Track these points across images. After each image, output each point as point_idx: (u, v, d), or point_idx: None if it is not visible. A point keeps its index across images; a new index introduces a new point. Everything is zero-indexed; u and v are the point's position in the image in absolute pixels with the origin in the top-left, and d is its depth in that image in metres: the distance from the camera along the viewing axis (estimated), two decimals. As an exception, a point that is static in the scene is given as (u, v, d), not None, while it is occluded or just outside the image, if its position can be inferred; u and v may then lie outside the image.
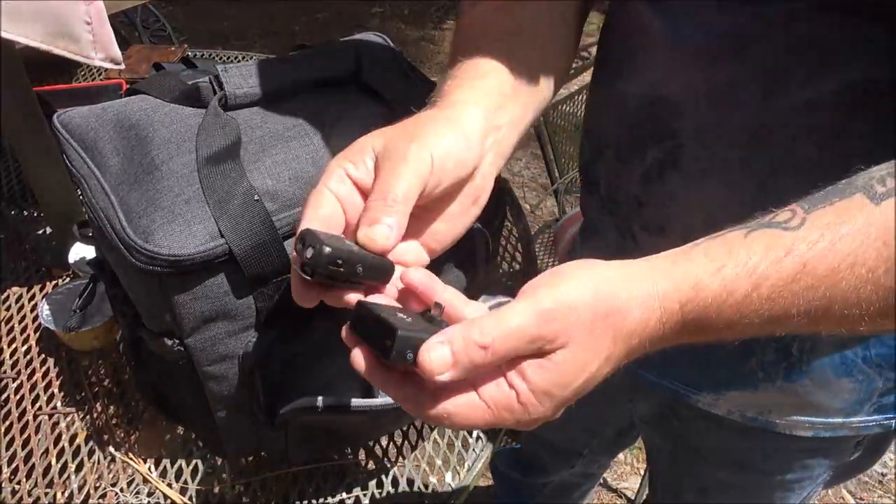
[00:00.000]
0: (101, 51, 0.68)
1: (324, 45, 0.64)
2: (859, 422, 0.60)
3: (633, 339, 0.36)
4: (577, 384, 0.35)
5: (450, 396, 0.34)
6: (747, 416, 0.63)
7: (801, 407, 0.61)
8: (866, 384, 0.58)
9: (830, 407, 0.60)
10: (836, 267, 0.34)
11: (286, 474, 0.67)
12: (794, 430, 0.62)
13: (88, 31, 0.66)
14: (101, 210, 0.50)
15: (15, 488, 0.64)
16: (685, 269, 0.36)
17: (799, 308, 0.35)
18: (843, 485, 1.58)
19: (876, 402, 0.59)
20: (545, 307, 0.34)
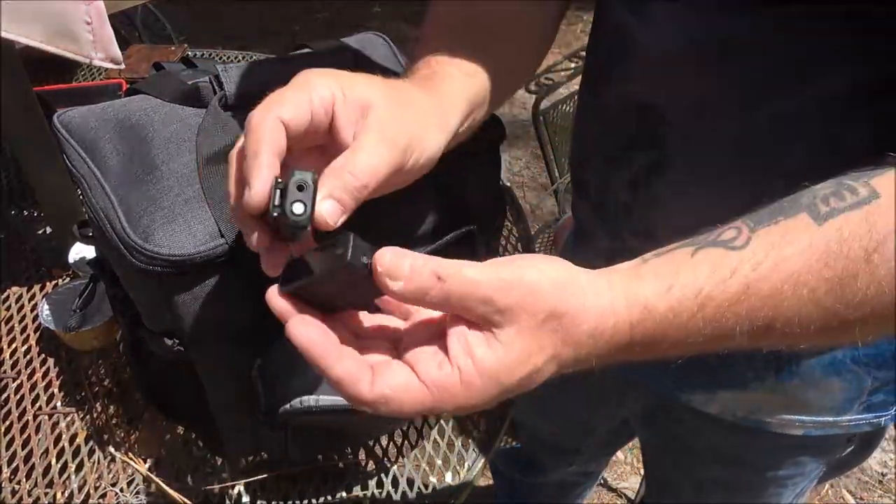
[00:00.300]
0: (101, 51, 0.68)
1: (324, 45, 0.64)
2: (849, 420, 0.61)
3: (581, 350, 0.35)
4: (522, 373, 0.34)
5: (385, 379, 0.33)
6: (738, 415, 0.64)
7: (791, 406, 0.61)
8: (856, 383, 0.58)
9: (820, 406, 0.60)
10: (779, 288, 0.34)
11: (286, 474, 0.67)
12: (784, 429, 0.63)
13: (88, 31, 0.66)
14: (101, 210, 0.50)
15: (15, 488, 0.64)
16: (636, 290, 0.35)
17: (742, 327, 0.35)
18: (843, 485, 1.58)
19: (865, 401, 0.59)
20: (506, 277, 0.33)
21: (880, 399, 0.60)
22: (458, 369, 0.33)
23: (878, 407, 0.60)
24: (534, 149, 2.48)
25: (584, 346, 0.35)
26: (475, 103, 0.47)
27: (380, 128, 0.38)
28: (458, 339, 0.33)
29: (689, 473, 0.77)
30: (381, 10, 3.55)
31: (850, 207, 0.35)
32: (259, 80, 0.57)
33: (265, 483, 0.66)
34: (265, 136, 0.35)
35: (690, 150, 0.52)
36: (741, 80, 0.47)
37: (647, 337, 0.36)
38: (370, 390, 0.33)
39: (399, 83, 0.43)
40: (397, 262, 0.33)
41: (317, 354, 0.33)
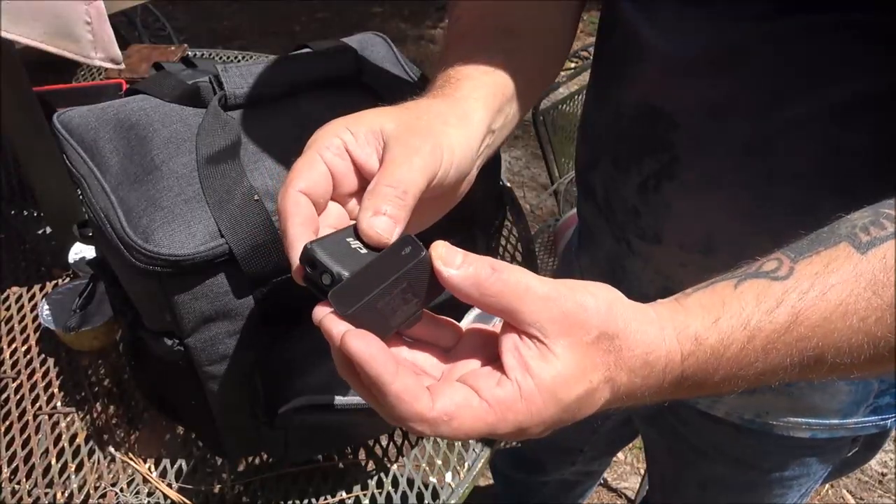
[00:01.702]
0: (101, 51, 0.68)
1: (324, 45, 0.64)
2: (855, 423, 0.61)
3: (635, 378, 0.34)
4: (580, 391, 0.33)
5: (447, 395, 0.32)
6: (745, 418, 0.64)
7: (797, 409, 0.61)
8: (863, 386, 0.58)
9: (827, 409, 0.60)
10: (827, 317, 0.34)
11: (286, 474, 0.67)
12: (791, 431, 0.63)
13: (88, 31, 0.66)
14: (101, 210, 0.50)
15: (15, 488, 0.64)
16: (684, 321, 0.35)
17: (793, 359, 0.35)
18: (843, 485, 1.58)
19: (872, 404, 0.60)
20: (560, 290, 0.33)
21: (886, 401, 0.60)
22: (517, 384, 0.32)
23: (885, 409, 0.60)
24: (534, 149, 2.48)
25: (639, 373, 0.34)
26: (500, 96, 0.46)
27: (399, 142, 0.37)
28: (513, 352, 0.33)
29: (695, 473, 0.77)
30: (381, 10, 3.55)
31: (892, 236, 0.35)
32: (259, 81, 0.58)
33: (265, 483, 0.66)
34: (288, 212, 0.35)
35: (701, 154, 0.52)
36: (753, 86, 0.47)
37: (698, 370, 0.35)
38: (431, 407, 0.31)
39: (411, 102, 0.43)
40: (451, 250, 0.33)
41: (377, 370, 0.31)
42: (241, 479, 0.66)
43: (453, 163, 0.40)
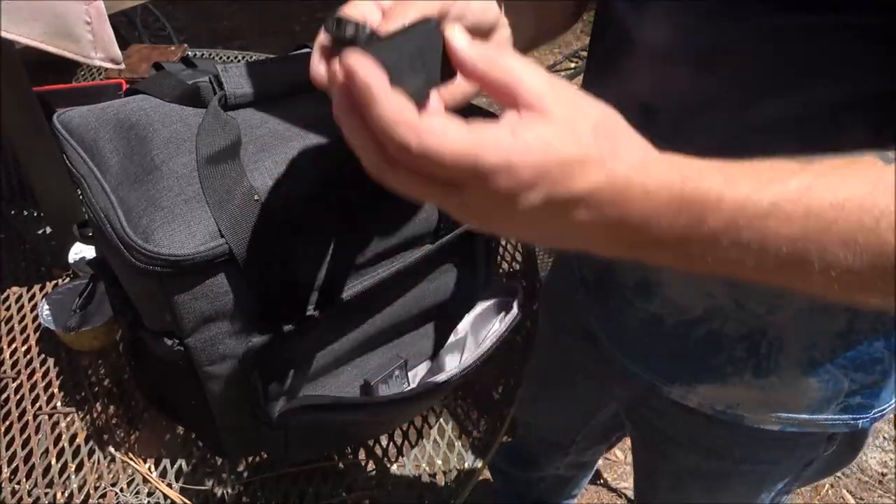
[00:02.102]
0: (101, 51, 0.68)
1: (324, 45, 0.64)
2: (825, 419, 0.61)
3: (633, 177, 0.33)
4: (573, 150, 0.31)
5: (427, 121, 0.30)
6: (717, 409, 0.64)
7: (768, 403, 0.62)
8: (833, 384, 0.58)
9: (797, 404, 0.61)
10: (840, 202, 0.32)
11: (286, 474, 0.67)
12: (761, 423, 0.63)
13: (88, 31, 0.66)
14: (101, 210, 0.50)
15: (15, 488, 0.64)
16: (687, 160, 0.34)
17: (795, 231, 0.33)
18: (843, 485, 1.58)
19: (843, 402, 0.60)
20: (562, 82, 0.33)
21: (857, 401, 0.60)
22: (511, 125, 0.31)
23: (856, 409, 0.61)
24: (534, 149, 2.47)
25: (637, 173, 0.33)
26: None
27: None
28: (510, 112, 0.32)
29: (669, 464, 0.78)
30: (381, 10, 3.55)
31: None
32: (259, 81, 0.57)
33: (265, 483, 0.66)
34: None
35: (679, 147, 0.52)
36: (734, 82, 0.47)
37: (698, 197, 0.33)
38: (419, 119, 0.30)
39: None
40: (464, 30, 0.33)
41: (370, 86, 0.30)
42: (241, 479, 0.66)
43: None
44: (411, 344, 0.68)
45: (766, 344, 0.58)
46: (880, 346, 0.56)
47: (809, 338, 0.57)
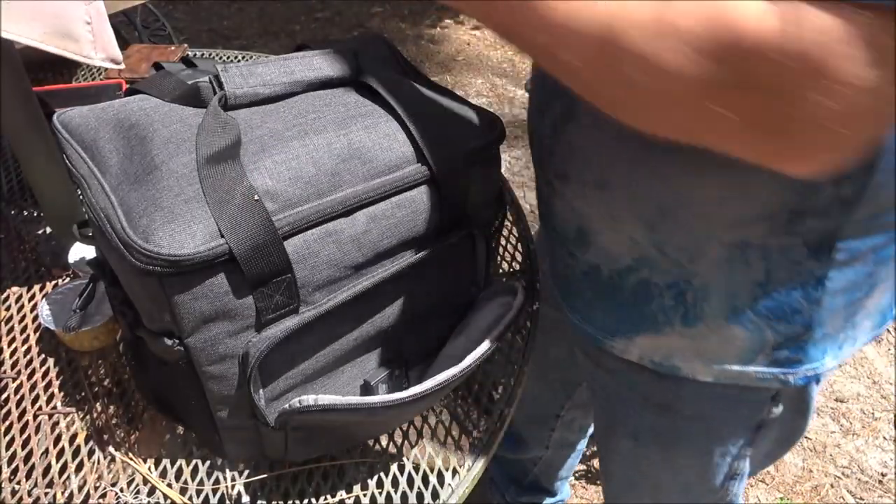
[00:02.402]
0: (101, 51, 0.68)
1: (324, 45, 0.64)
2: (756, 371, 0.64)
3: None
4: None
5: None
6: (655, 360, 0.68)
7: (699, 353, 0.65)
8: (757, 334, 0.61)
9: (725, 354, 0.64)
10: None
11: (286, 474, 0.67)
12: (697, 374, 0.66)
13: (88, 31, 0.66)
14: (101, 210, 0.50)
15: (15, 488, 0.64)
16: None
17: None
18: (843, 485, 1.58)
19: (770, 355, 0.62)
20: None
21: (785, 355, 0.62)
22: None
23: (784, 363, 0.63)
24: (534, 149, 2.48)
25: None
26: None
27: None
28: None
29: (626, 426, 0.81)
30: (381, 10, 3.55)
31: None
32: (259, 81, 0.58)
33: (265, 483, 0.66)
34: None
35: None
36: None
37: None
38: None
39: None
40: None
41: None
42: (241, 479, 0.66)
43: None
44: (411, 344, 0.68)
45: (692, 292, 0.61)
46: (798, 296, 0.58)
47: (730, 286, 0.59)
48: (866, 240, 0.55)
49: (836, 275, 0.57)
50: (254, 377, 0.54)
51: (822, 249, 0.56)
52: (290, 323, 0.54)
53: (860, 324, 0.63)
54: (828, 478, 1.60)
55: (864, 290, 0.59)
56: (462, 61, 3.12)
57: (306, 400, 0.54)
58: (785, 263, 0.57)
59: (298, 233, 0.52)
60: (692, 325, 0.63)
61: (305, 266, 0.53)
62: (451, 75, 3.01)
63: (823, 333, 0.61)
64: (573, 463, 1.31)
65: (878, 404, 1.75)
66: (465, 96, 0.69)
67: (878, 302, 0.62)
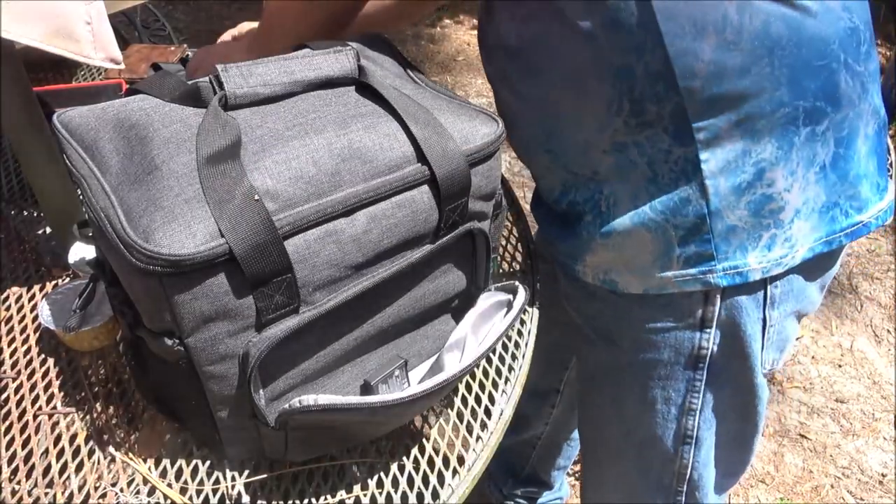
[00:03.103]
0: (101, 51, 0.68)
1: (324, 45, 0.64)
2: (675, 275, 0.67)
3: None
4: None
5: None
6: (600, 278, 0.73)
7: (624, 262, 0.70)
8: (661, 233, 0.66)
9: (643, 259, 0.68)
10: None
11: (286, 474, 0.67)
12: (628, 287, 0.71)
13: (88, 31, 0.66)
14: (101, 210, 0.50)
15: (15, 488, 0.64)
16: None
17: None
18: (843, 485, 1.58)
19: (680, 254, 0.66)
20: None
21: (693, 251, 0.66)
22: None
23: (697, 260, 0.66)
24: (534, 149, 2.47)
25: None
26: None
27: None
28: None
29: (585, 366, 0.86)
30: (381, 11, 3.55)
31: None
32: (259, 81, 0.58)
33: (265, 483, 0.66)
34: None
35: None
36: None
37: None
38: None
39: None
40: None
41: None
42: (241, 479, 0.66)
43: None
44: (411, 344, 0.68)
45: (604, 201, 0.68)
46: (683, 185, 0.64)
47: (630, 189, 0.66)
48: (721, 117, 0.60)
49: (707, 156, 0.62)
50: (254, 377, 0.54)
51: (681, 132, 0.61)
52: (290, 323, 0.54)
53: (786, 221, 0.64)
54: (828, 478, 1.60)
55: (750, 173, 0.62)
56: (462, 61, 3.12)
57: (306, 400, 0.54)
58: (660, 155, 0.63)
59: (299, 233, 0.52)
60: (609, 235, 0.68)
61: (306, 266, 0.53)
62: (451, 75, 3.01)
63: (727, 226, 0.64)
64: (571, 453, 1.31)
65: (878, 404, 1.75)
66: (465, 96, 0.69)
67: (801, 196, 0.64)
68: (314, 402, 0.53)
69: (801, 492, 1.57)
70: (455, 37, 3.32)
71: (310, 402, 0.53)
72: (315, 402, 0.53)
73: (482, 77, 2.98)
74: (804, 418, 1.72)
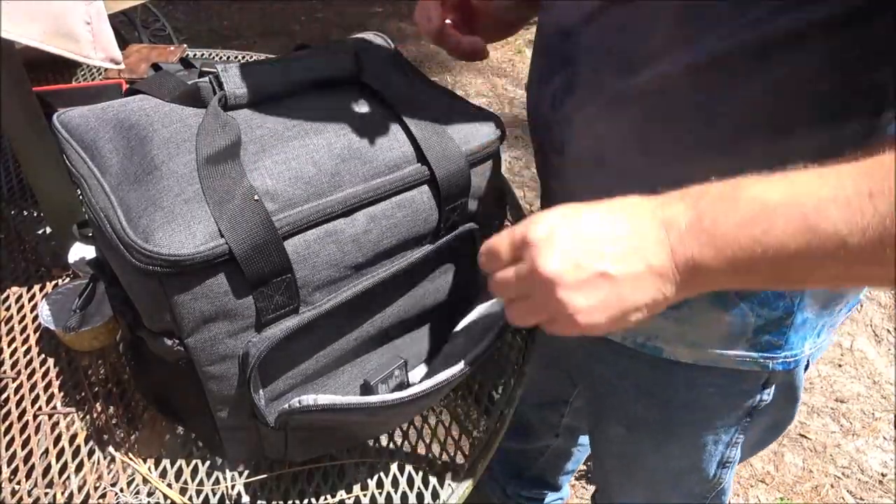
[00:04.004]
0: (101, 51, 0.68)
1: (324, 45, 0.64)
2: (735, 356, 0.64)
3: (643, 206, 0.43)
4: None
5: None
6: (638, 341, 0.68)
7: (683, 335, 0.65)
8: (740, 318, 0.61)
9: (709, 337, 0.64)
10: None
11: (286, 474, 0.67)
12: (678, 356, 0.66)
13: (88, 31, 0.66)
14: (101, 210, 0.50)
15: (15, 488, 0.64)
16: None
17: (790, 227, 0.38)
18: (843, 485, 1.58)
19: (752, 339, 0.63)
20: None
21: (765, 339, 0.63)
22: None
23: (765, 347, 0.63)
24: (534, 149, 2.48)
25: (672, 201, 0.42)
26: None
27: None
28: None
29: (618, 412, 0.81)
30: (381, 10, 3.55)
31: None
32: (259, 80, 0.58)
33: (265, 483, 0.66)
34: None
35: (594, 70, 0.57)
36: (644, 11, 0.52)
37: (711, 209, 0.41)
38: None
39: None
40: None
41: None
42: (241, 479, 0.66)
43: None
44: (411, 344, 0.68)
45: None
46: None
47: None
48: None
49: None
50: (254, 377, 0.54)
51: None
52: (290, 323, 0.54)
53: (837, 311, 0.63)
54: (828, 478, 1.60)
55: None
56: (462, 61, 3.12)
57: (306, 400, 0.54)
58: None
59: (298, 233, 0.52)
60: (678, 307, 0.62)
61: (305, 266, 0.53)
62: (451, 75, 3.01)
63: (804, 319, 0.61)
64: (581, 456, 1.30)
65: (879, 404, 1.75)
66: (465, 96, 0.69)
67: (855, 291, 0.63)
68: (314, 402, 0.53)
69: (801, 491, 1.57)
70: (455, 37, 3.32)
71: (310, 402, 0.53)
72: (315, 402, 0.53)
73: (482, 77, 2.98)
74: (804, 418, 1.72)
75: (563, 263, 0.42)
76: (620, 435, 0.82)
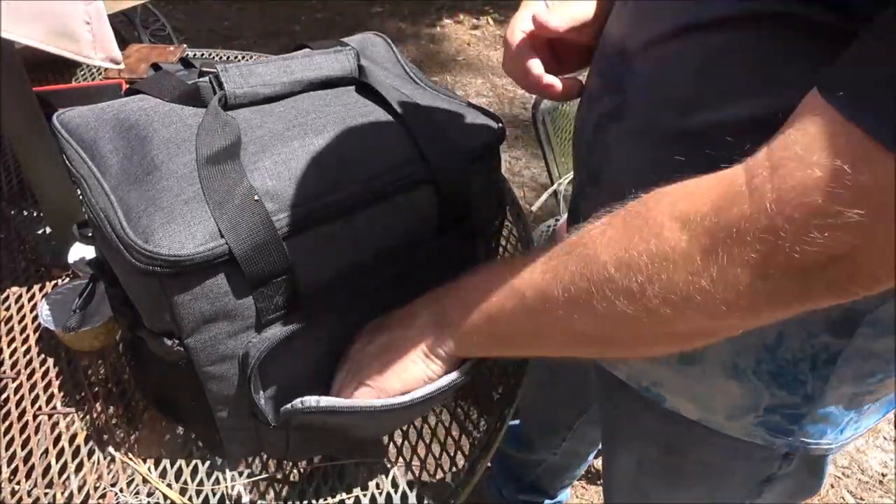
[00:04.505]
0: (101, 51, 0.68)
1: (324, 45, 0.64)
2: (741, 428, 0.60)
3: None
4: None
5: None
6: (642, 385, 0.64)
7: (689, 391, 0.61)
8: (754, 394, 0.57)
9: (715, 402, 0.60)
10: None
11: (286, 474, 0.67)
12: (681, 409, 0.63)
13: (88, 31, 0.66)
14: (101, 210, 0.50)
15: (15, 488, 0.64)
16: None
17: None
18: (843, 485, 1.58)
19: (762, 416, 0.59)
20: None
21: (776, 420, 0.59)
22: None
23: (774, 427, 0.59)
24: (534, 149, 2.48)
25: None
26: None
27: None
28: None
29: (631, 451, 0.78)
30: (381, 10, 3.55)
31: None
32: (259, 81, 0.58)
33: (265, 483, 0.66)
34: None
35: (645, 101, 0.53)
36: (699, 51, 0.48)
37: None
38: None
39: None
40: None
41: None
42: (241, 479, 0.66)
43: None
44: (411, 344, 0.68)
45: None
46: (806, 368, 0.54)
47: (737, 342, 0.54)
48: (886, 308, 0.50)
49: (851, 355, 0.53)
50: (254, 377, 0.54)
51: (844, 327, 0.51)
52: (290, 324, 0.54)
53: (864, 407, 0.58)
54: (828, 478, 1.60)
55: (879, 376, 0.55)
56: (462, 61, 3.12)
57: (308, 401, 0.54)
58: (801, 334, 0.53)
59: (298, 233, 0.52)
60: (689, 365, 0.59)
61: (306, 266, 0.53)
62: (451, 75, 3.01)
63: (825, 412, 0.57)
64: (577, 472, 1.30)
65: (878, 404, 1.75)
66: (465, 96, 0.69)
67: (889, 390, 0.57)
68: (316, 403, 0.53)
69: (801, 492, 1.57)
70: (455, 37, 3.32)
71: (311, 402, 0.53)
72: (317, 404, 0.53)
73: (482, 77, 2.98)
74: (804, 418, 1.73)
75: None
76: (631, 470, 0.79)
